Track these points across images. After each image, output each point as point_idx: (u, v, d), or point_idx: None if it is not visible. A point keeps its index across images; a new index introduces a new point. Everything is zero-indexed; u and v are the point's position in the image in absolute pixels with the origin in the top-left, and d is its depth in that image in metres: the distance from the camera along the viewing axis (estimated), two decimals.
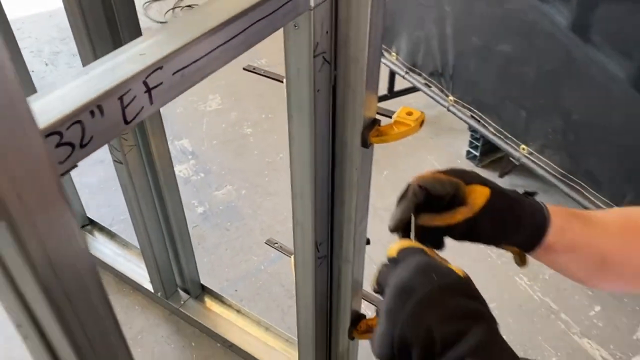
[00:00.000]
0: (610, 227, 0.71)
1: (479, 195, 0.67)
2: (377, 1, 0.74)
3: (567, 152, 1.57)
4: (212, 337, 1.55)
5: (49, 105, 0.46)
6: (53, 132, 0.45)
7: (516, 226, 0.68)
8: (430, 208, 0.67)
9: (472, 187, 0.68)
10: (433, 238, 0.67)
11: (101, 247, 1.78)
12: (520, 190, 0.72)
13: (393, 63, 2.17)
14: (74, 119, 0.46)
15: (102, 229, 1.83)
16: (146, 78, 0.52)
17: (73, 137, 0.47)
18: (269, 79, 1.65)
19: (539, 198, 0.71)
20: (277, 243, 1.48)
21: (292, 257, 1.18)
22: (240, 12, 0.60)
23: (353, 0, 0.75)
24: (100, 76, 0.50)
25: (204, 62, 0.58)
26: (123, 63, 0.51)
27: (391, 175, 2.09)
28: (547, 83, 1.59)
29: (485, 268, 1.73)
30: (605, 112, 1.46)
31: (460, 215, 0.66)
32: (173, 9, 3.09)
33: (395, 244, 0.63)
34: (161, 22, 2.98)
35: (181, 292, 1.62)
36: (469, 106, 1.89)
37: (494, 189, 0.68)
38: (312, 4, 0.71)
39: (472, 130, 1.95)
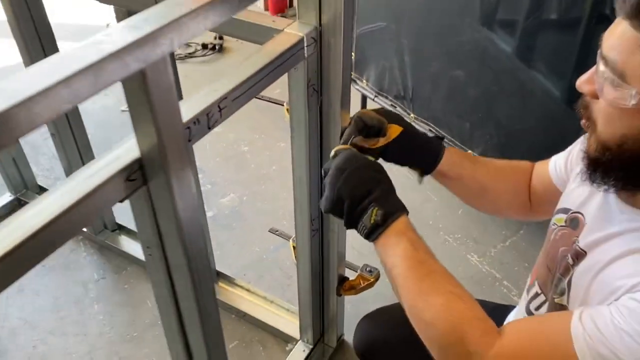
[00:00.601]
0: (490, 168, 1.01)
1: (393, 132, 0.94)
2: (346, 53, 1.05)
3: (500, 152, 1.89)
4: (227, 310, 1.80)
5: None
6: None
7: (416, 156, 0.96)
8: (366, 134, 0.94)
9: (392, 125, 0.94)
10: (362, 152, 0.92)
11: (131, 246, 1.99)
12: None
13: (364, 88, 2.39)
14: (187, 125, 0.81)
15: (129, 232, 2.03)
16: (219, 103, 0.88)
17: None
18: (260, 107, 2.02)
19: None
20: (277, 230, 1.84)
21: (290, 240, 1.44)
22: (264, 65, 0.91)
23: (331, 53, 1.03)
24: (197, 101, 0.84)
25: (246, 94, 0.90)
26: (207, 94, 0.86)
27: None
28: (484, 100, 1.89)
29: (443, 249, 2.01)
30: (525, 120, 1.79)
31: (379, 143, 0.93)
32: None
33: (335, 148, 0.89)
34: None
35: None
36: (427, 121, 2.15)
37: (407, 129, 0.94)
38: (305, 55, 1.00)
39: None
